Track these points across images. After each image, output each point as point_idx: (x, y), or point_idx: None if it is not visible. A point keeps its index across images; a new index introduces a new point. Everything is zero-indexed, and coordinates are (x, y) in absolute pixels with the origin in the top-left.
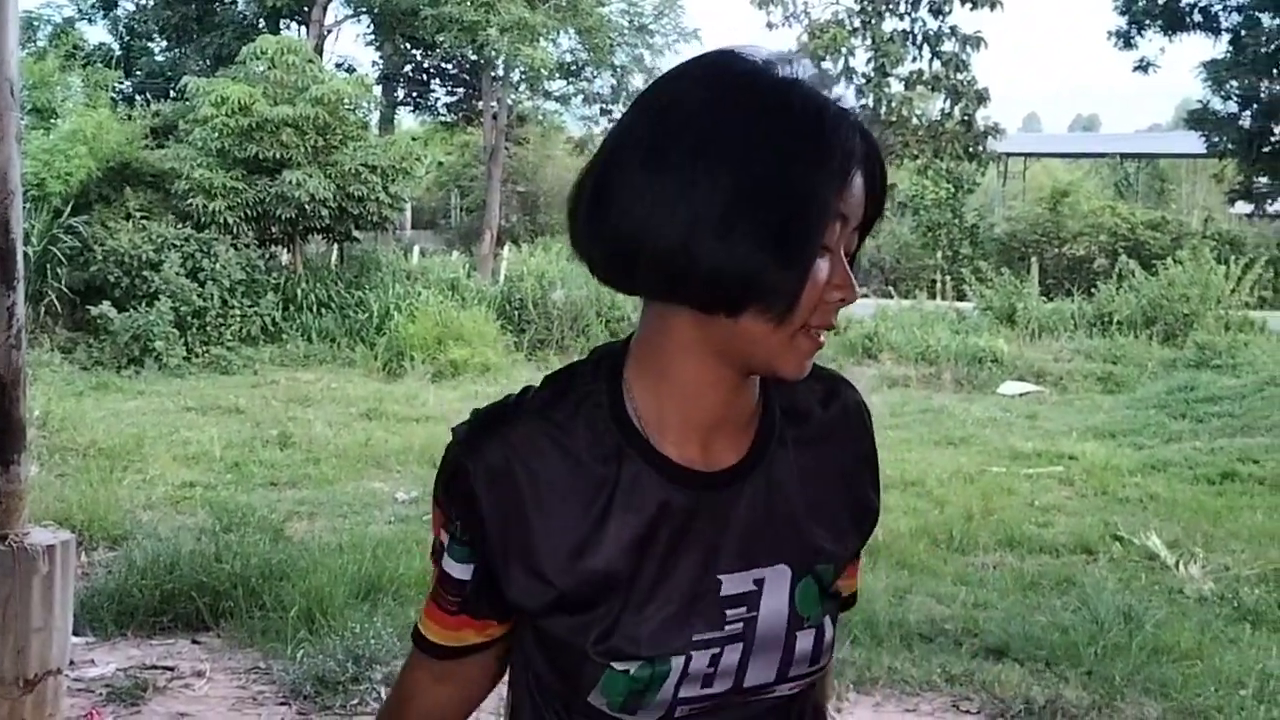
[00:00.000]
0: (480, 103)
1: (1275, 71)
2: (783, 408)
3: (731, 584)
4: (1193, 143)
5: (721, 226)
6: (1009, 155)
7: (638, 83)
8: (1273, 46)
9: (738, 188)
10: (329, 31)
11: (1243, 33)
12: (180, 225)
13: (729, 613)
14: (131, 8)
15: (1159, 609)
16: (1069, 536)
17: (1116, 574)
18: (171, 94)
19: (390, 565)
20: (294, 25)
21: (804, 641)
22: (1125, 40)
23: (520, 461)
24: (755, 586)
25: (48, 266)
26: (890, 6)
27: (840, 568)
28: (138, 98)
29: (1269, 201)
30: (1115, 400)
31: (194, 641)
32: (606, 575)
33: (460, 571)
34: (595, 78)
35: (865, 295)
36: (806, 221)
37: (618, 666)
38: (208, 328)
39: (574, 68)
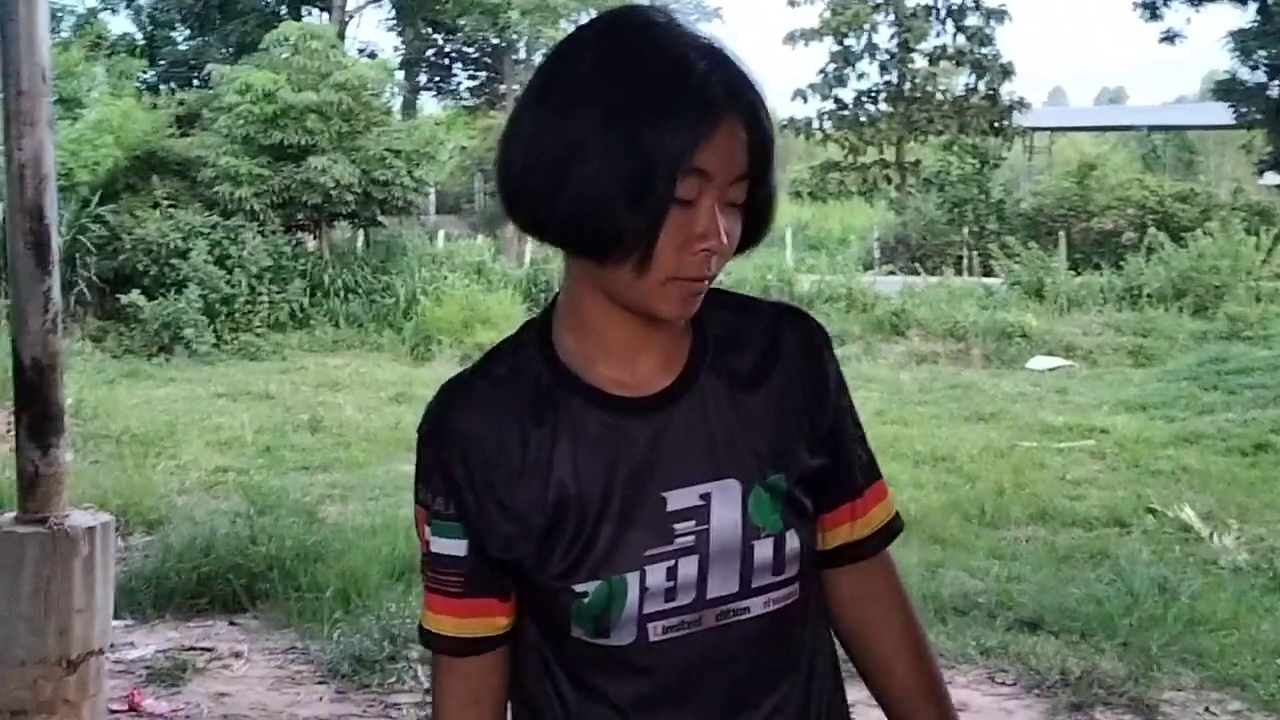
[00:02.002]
0: (503, 86)
1: None
2: (716, 336)
3: (676, 499)
4: (1220, 114)
5: (574, 173)
6: (1035, 130)
7: None
8: None
9: (590, 136)
10: (351, 17)
11: (1270, 1)
12: (207, 213)
13: (677, 527)
14: None
15: (1194, 580)
16: (1102, 510)
17: (1150, 546)
18: (195, 82)
19: None
20: (316, 11)
21: (762, 550)
22: (1151, 11)
23: (476, 423)
24: (702, 501)
25: (77, 256)
26: None
27: (795, 478)
28: (162, 86)
29: None
30: (1146, 373)
31: (231, 623)
32: (559, 502)
33: (454, 548)
34: None
35: (892, 272)
36: (650, 174)
37: (577, 589)
38: (236, 315)
39: None
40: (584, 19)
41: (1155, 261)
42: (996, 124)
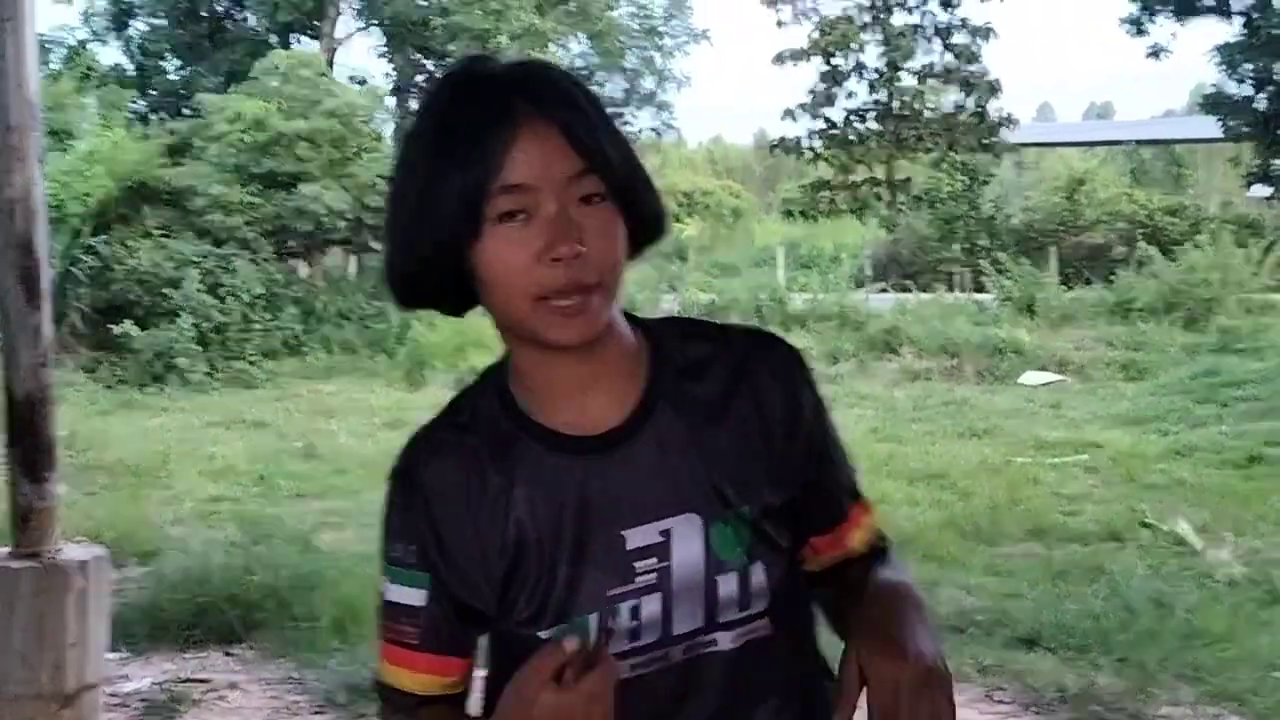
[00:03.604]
0: None
1: None
2: (678, 367)
3: (636, 537)
4: (1208, 127)
5: (388, 232)
6: (1023, 145)
7: (649, 85)
8: None
9: (401, 196)
10: (340, 44)
11: (1255, 15)
12: (199, 242)
13: (638, 565)
14: (144, 28)
15: (1190, 594)
16: (1097, 524)
17: (1146, 560)
18: (186, 111)
19: None
20: (305, 39)
21: (727, 585)
22: (1137, 26)
23: (437, 471)
24: (662, 537)
25: (69, 287)
26: (900, 1)
27: (761, 514)
28: (152, 116)
29: None
30: (1139, 387)
31: (227, 654)
32: (518, 545)
33: (412, 597)
34: (606, 81)
35: (884, 290)
36: (429, 209)
37: (542, 635)
38: (229, 343)
39: (585, 72)
40: (573, 44)
41: (1146, 275)
42: (985, 140)
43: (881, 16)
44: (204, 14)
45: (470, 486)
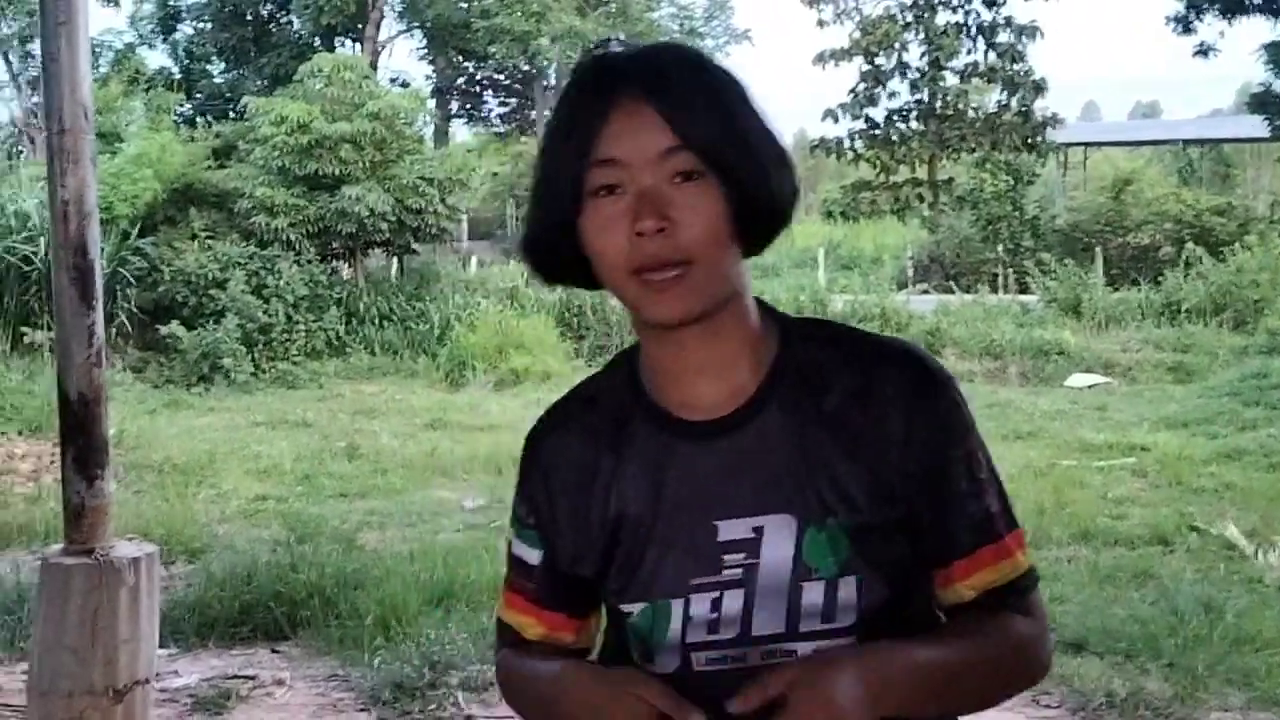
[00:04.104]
0: (533, 112)
1: None
2: (802, 369)
3: (728, 530)
4: (1256, 127)
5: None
6: (1068, 145)
7: None
8: None
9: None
10: (383, 47)
11: None
12: (244, 243)
13: (726, 558)
14: (190, 32)
15: (1239, 599)
16: (1144, 528)
17: (1194, 565)
18: (231, 114)
19: (461, 572)
20: (349, 42)
21: (812, 594)
22: (1184, 25)
23: (559, 442)
24: (754, 534)
25: (117, 288)
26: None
27: (859, 529)
28: (199, 119)
29: None
30: (1186, 390)
31: (273, 650)
32: (618, 520)
33: (529, 555)
34: None
35: (926, 291)
36: (543, 186)
37: (624, 609)
38: (274, 344)
39: None
40: (613, 45)
41: (1193, 276)
42: (1030, 140)
43: (924, 15)
44: (249, 18)
45: (586, 460)
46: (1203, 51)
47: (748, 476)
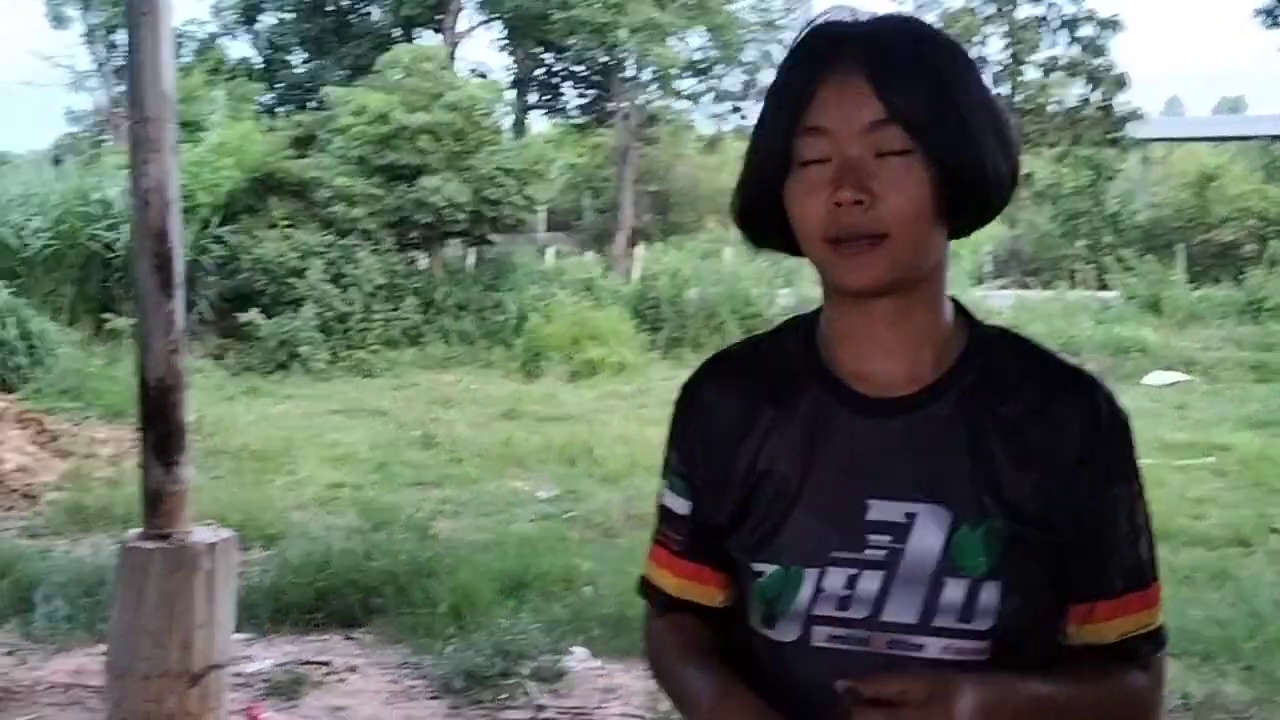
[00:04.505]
0: (611, 104)
1: None
2: (984, 373)
3: (879, 510)
4: None
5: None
6: (1151, 140)
7: (767, 79)
8: None
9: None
10: (462, 38)
11: None
12: (323, 233)
13: (871, 538)
14: (272, 22)
15: None
16: (1223, 529)
17: (1274, 567)
18: (311, 104)
19: (535, 563)
20: (428, 33)
21: (953, 590)
22: (1271, 18)
23: (718, 392)
24: (906, 519)
25: (197, 276)
26: None
27: (1015, 535)
28: (279, 109)
29: None
30: (1269, 389)
31: (347, 637)
32: (763, 475)
33: (679, 505)
34: (725, 75)
35: (1004, 286)
36: (754, 152)
37: (755, 568)
38: (351, 332)
39: (704, 66)
40: (691, 37)
41: (1277, 274)
42: (1111, 135)
43: (1005, 8)
44: (330, 8)
45: (744, 410)
46: None
47: (910, 461)
